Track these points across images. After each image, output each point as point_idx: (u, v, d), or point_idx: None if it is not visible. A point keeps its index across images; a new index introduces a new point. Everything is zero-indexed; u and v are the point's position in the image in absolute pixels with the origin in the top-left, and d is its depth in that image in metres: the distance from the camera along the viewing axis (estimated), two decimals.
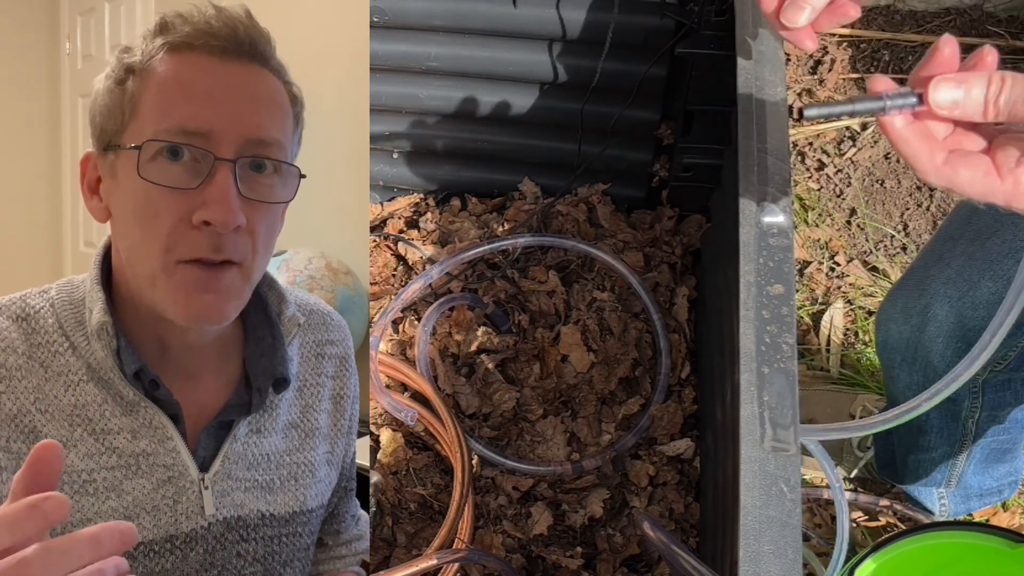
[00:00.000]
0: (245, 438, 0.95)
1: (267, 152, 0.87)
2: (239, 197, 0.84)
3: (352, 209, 2.03)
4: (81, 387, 0.88)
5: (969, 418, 1.45)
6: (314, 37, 2.17)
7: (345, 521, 1.14)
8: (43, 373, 0.87)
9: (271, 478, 0.97)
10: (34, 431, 0.86)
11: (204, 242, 0.84)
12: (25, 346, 0.88)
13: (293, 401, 1.01)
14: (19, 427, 0.85)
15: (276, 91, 0.89)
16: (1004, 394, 1.40)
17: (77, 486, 0.87)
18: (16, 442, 0.85)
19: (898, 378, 1.45)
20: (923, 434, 1.50)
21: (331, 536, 1.13)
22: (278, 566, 0.97)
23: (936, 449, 1.52)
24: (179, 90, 0.85)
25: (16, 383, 0.86)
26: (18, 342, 0.87)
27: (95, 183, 0.90)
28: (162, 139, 0.83)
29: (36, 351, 0.88)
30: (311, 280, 1.99)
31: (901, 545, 1.40)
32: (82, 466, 0.87)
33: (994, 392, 1.39)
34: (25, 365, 0.87)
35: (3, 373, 0.86)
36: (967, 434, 1.48)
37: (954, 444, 1.50)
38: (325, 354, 1.05)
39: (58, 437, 0.86)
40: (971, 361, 0.85)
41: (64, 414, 0.87)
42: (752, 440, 0.82)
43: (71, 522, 0.86)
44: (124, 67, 0.87)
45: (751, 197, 0.92)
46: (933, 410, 1.44)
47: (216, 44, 0.85)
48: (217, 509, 0.92)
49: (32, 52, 3.38)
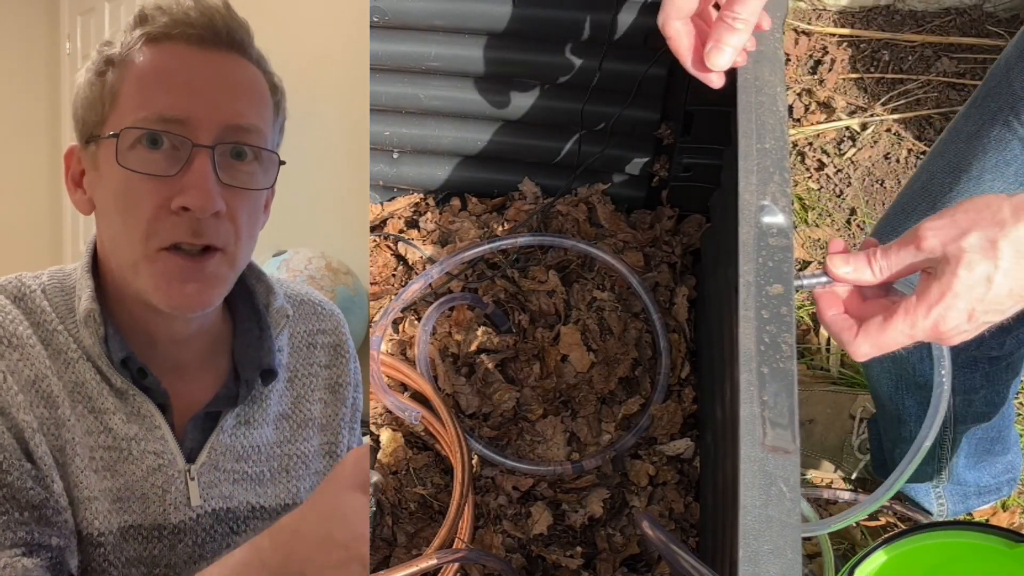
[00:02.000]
0: (233, 430, 0.95)
1: (246, 139, 0.87)
2: (218, 183, 0.85)
3: (352, 209, 2.03)
4: (81, 364, 0.89)
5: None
6: (314, 37, 2.17)
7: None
8: (45, 350, 0.88)
9: (261, 470, 0.97)
10: (51, 396, 0.87)
11: (183, 228, 0.85)
12: (28, 321, 0.89)
13: (284, 392, 1.01)
14: (39, 392, 0.86)
15: (255, 79, 0.90)
16: (973, 375, 1.39)
17: (86, 461, 0.87)
18: (38, 407, 0.86)
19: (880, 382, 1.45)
20: (903, 424, 1.50)
21: None
22: None
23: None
24: (157, 79, 0.86)
25: (29, 351, 0.87)
26: (21, 317, 0.89)
27: (79, 176, 0.92)
28: (141, 127, 0.84)
29: (37, 329, 0.89)
30: (311, 280, 1.99)
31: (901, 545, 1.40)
32: (87, 442, 0.88)
33: (962, 374, 1.38)
34: (34, 335, 0.88)
35: (16, 342, 0.87)
36: (946, 421, 1.47)
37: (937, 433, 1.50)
38: (317, 344, 1.05)
39: (68, 407, 0.87)
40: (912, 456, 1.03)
41: (68, 389, 0.88)
42: (751, 440, 0.82)
43: (78, 499, 0.86)
44: (104, 59, 0.88)
45: (751, 197, 0.92)
46: (909, 399, 1.45)
47: (194, 33, 0.86)
48: (204, 500, 0.92)
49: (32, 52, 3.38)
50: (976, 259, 0.83)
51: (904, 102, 2.15)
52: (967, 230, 0.83)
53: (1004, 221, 0.82)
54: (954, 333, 0.86)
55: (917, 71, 2.19)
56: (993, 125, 1.17)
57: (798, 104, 2.17)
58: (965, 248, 0.83)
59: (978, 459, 1.56)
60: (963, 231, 0.83)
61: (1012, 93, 1.16)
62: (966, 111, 1.23)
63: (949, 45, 2.21)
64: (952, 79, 2.16)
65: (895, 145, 2.11)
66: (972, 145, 1.19)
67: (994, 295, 0.83)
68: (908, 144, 2.10)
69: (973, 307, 0.84)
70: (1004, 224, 0.82)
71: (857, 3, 2.26)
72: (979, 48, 2.20)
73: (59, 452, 0.86)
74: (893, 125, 2.13)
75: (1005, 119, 1.16)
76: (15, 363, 0.86)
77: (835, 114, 2.14)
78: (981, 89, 1.22)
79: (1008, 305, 0.85)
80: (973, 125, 1.20)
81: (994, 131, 1.17)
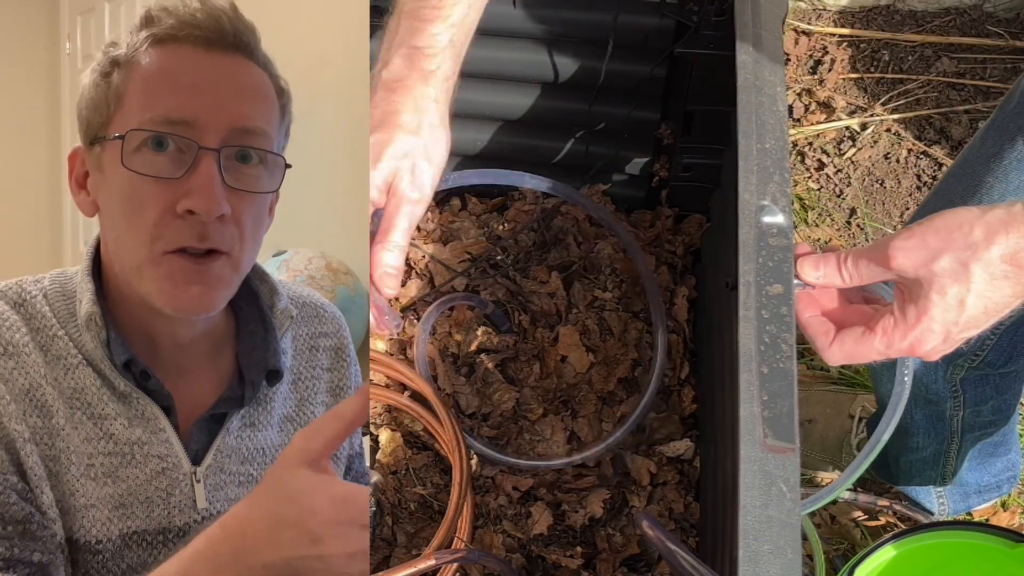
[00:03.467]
0: (238, 432, 0.95)
1: (252, 142, 0.87)
2: (224, 186, 0.85)
3: (352, 209, 2.03)
4: (80, 370, 0.89)
5: (954, 416, 1.45)
6: (313, 38, 2.17)
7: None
8: (44, 356, 0.88)
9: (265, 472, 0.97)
10: (46, 406, 0.86)
11: (189, 231, 0.84)
12: (26, 328, 0.88)
13: (288, 395, 1.01)
14: (33, 401, 0.86)
15: (261, 82, 0.90)
16: (983, 389, 1.40)
17: (82, 469, 0.87)
18: (31, 416, 0.85)
19: (881, 381, 1.46)
20: (911, 435, 1.50)
21: None
22: None
23: (925, 449, 1.52)
24: (163, 81, 0.85)
25: (25, 359, 0.87)
26: (19, 323, 0.88)
27: (83, 178, 0.91)
28: (146, 129, 0.84)
29: (36, 335, 0.88)
30: (311, 280, 1.99)
31: (901, 545, 1.41)
32: (84, 449, 0.87)
33: (973, 389, 1.39)
34: (31, 342, 0.87)
35: (12, 350, 0.86)
36: (954, 432, 1.48)
37: (943, 442, 1.50)
38: (319, 346, 1.04)
39: (64, 416, 0.87)
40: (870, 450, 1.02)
41: (65, 396, 0.88)
42: (751, 440, 0.82)
43: (74, 507, 0.86)
44: (109, 60, 0.88)
45: (750, 197, 0.92)
46: (917, 411, 1.45)
47: (200, 35, 0.86)
48: (210, 503, 0.92)
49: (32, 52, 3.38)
50: (948, 283, 0.83)
51: (904, 102, 2.15)
52: (938, 253, 0.83)
53: (976, 244, 0.82)
54: (931, 353, 0.87)
55: (917, 71, 2.19)
56: (1014, 146, 1.16)
57: (798, 104, 2.17)
58: (936, 272, 0.83)
59: (980, 461, 1.57)
60: (934, 254, 0.83)
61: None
62: (984, 133, 1.22)
63: (949, 45, 2.21)
64: (952, 79, 2.16)
65: (895, 145, 2.11)
66: (992, 167, 1.18)
67: (968, 316, 0.84)
68: (908, 144, 2.10)
69: (948, 329, 0.85)
70: (976, 248, 0.82)
71: (857, 3, 2.26)
72: (979, 48, 2.20)
73: (52, 462, 0.86)
74: (893, 125, 2.13)
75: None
76: (9, 371, 0.85)
77: (835, 114, 2.14)
78: (999, 112, 1.21)
79: (984, 321, 0.85)
80: (993, 147, 1.19)
81: (1015, 152, 1.16)
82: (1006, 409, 1.46)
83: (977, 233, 0.82)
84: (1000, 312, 0.84)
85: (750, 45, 1.03)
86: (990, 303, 0.83)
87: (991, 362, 1.33)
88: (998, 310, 0.84)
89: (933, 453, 1.52)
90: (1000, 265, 0.81)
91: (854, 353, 0.89)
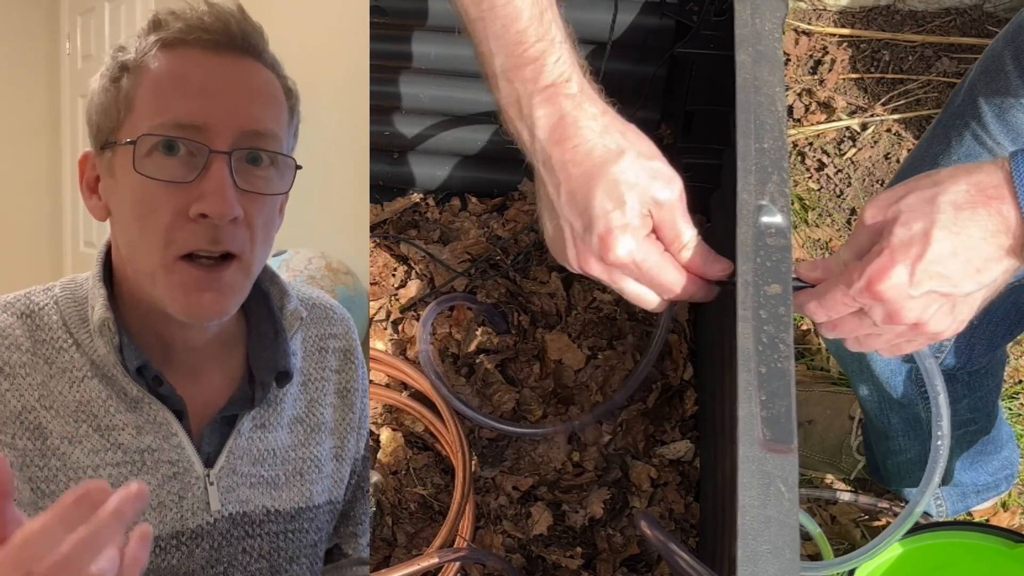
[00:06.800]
0: (250, 433, 0.95)
1: (263, 144, 0.87)
2: (235, 189, 0.85)
3: (352, 209, 2.03)
4: (86, 383, 0.88)
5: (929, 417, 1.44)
6: (314, 36, 2.16)
7: (363, 524, 1.11)
8: (48, 370, 0.88)
9: (276, 473, 0.97)
10: (39, 428, 0.86)
11: (202, 235, 0.84)
12: (30, 343, 0.88)
13: (298, 396, 1.01)
14: (24, 424, 0.86)
15: (270, 84, 0.90)
16: (953, 388, 1.38)
17: None
18: (22, 439, 0.85)
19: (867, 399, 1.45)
20: (890, 439, 1.50)
21: (349, 540, 1.09)
22: (284, 562, 0.97)
23: (907, 451, 1.51)
24: (173, 85, 0.85)
25: (20, 380, 0.86)
26: (23, 339, 0.88)
27: (94, 182, 0.91)
28: (157, 133, 0.84)
29: (40, 347, 0.88)
30: (311, 280, 1.99)
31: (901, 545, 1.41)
32: (88, 462, 0.87)
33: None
34: (30, 362, 0.87)
35: (8, 371, 0.86)
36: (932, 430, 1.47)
37: (924, 443, 1.49)
38: (328, 348, 1.04)
39: (63, 433, 0.87)
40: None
41: (69, 410, 0.87)
42: (750, 440, 0.82)
43: None
44: (119, 65, 0.88)
45: (749, 197, 0.92)
46: (893, 414, 1.45)
47: (209, 38, 0.86)
48: (223, 505, 0.92)
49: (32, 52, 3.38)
50: (913, 216, 0.82)
51: (904, 102, 2.15)
52: (904, 194, 0.84)
53: (940, 180, 0.82)
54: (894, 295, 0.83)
55: (917, 71, 2.18)
56: (961, 143, 1.18)
57: (798, 104, 2.17)
58: (902, 208, 0.83)
59: (972, 460, 1.56)
60: (900, 196, 0.84)
61: (977, 108, 1.16)
62: (932, 131, 1.24)
63: (949, 45, 2.21)
64: (952, 79, 2.16)
65: (895, 145, 2.11)
66: (941, 164, 1.19)
67: (936, 252, 0.81)
68: (908, 144, 2.10)
69: (913, 265, 0.81)
70: (940, 182, 0.82)
71: (857, 3, 2.26)
72: (979, 48, 2.19)
73: (46, 482, 0.86)
74: (893, 125, 2.13)
75: (974, 133, 1.17)
76: (2, 393, 0.85)
77: (835, 114, 2.14)
78: (945, 110, 1.23)
79: (958, 272, 0.82)
80: (940, 145, 1.21)
81: (963, 148, 1.18)
82: (984, 407, 1.45)
83: (942, 173, 0.83)
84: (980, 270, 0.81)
85: (749, 45, 1.03)
86: (959, 244, 0.81)
87: (951, 364, 1.32)
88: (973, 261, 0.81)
89: (917, 455, 1.51)
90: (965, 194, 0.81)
91: (826, 300, 0.87)
